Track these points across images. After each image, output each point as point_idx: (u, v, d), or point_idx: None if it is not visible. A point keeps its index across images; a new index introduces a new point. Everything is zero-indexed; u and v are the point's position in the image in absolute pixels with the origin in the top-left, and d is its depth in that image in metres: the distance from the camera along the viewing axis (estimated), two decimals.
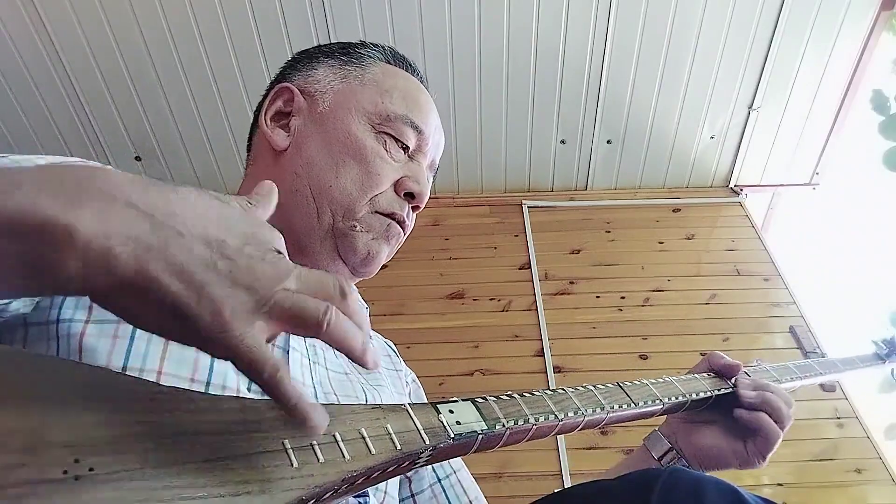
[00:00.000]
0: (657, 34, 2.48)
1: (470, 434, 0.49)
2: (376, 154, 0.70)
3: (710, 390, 0.73)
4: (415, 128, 0.72)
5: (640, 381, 0.68)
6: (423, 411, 0.48)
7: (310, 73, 0.75)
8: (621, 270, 2.66)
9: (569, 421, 0.57)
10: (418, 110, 0.74)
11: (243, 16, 2.36)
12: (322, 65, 0.76)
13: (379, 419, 0.44)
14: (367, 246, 0.70)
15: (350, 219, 0.69)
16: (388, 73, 0.75)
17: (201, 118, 2.65)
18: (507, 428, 0.52)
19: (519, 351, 2.37)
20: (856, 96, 2.67)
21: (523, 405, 0.55)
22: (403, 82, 0.75)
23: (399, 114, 0.72)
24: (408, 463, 0.45)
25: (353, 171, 0.69)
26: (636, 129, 2.77)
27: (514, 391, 0.56)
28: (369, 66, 0.75)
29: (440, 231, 2.79)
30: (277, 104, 0.74)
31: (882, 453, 2.09)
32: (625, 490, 0.52)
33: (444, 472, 0.78)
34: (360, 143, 0.69)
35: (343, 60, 0.75)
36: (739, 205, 2.93)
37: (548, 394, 0.58)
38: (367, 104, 0.71)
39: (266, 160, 0.73)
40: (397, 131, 0.71)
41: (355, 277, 0.74)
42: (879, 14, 2.45)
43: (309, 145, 0.71)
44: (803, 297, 2.57)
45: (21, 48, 2.40)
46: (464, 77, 2.56)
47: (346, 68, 0.75)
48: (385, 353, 0.82)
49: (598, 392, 0.62)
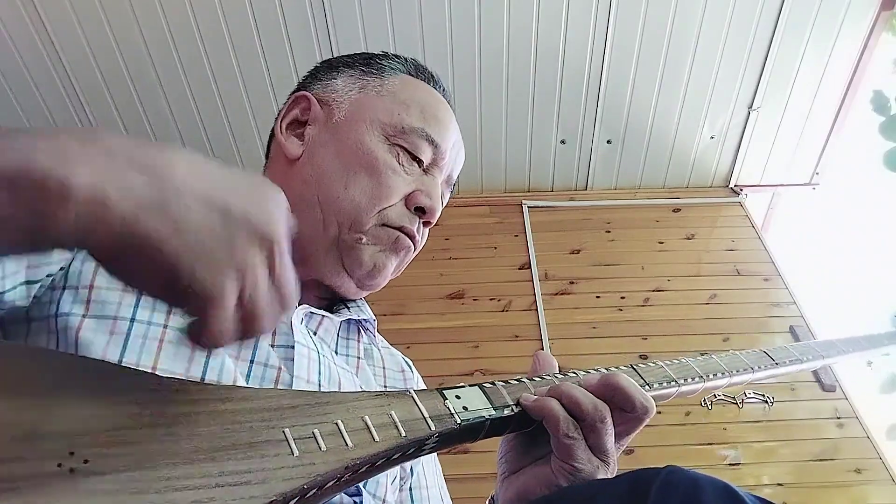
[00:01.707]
0: (657, 34, 2.48)
1: (477, 420, 0.48)
2: (388, 166, 0.68)
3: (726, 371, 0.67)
4: (430, 141, 0.71)
5: (654, 363, 0.65)
6: (429, 397, 0.47)
7: (328, 83, 0.75)
8: (621, 270, 2.65)
9: None
10: (436, 124, 0.72)
11: (243, 16, 2.36)
12: (342, 74, 0.75)
13: (383, 406, 0.44)
14: (374, 258, 0.69)
15: (356, 231, 0.68)
16: (407, 84, 0.74)
17: (201, 118, 2.65)
18: (515, 413, 0.50)
19: (519, 351, 2.37)
20: (856, 96, 2.67)
21: (532, 389, 0.53)
22: (423, 95, 0.74)
23: (415, 126, 0.70)
24: (413, 450, 0.44)
25: (363, 183, 0.67)
26: (636, 129, 2.76)
27: (523, 375, 0.54)
28: (389, 77, 0.74)
29: (440, 231, 2.78)
30: (294, 112, 0.74)
31: (882, 453, 2.09)
32: (621, 491, 0.51)
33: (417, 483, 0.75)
34: (371, 155, 0.68)
35: (363, 71, 0.74)
36: (739, 205, 2.92)
37: (558, 377, 0.56)
38: (383, 115, 0.70)
39: (279, 167, 0.73)
40: (411, 144, 0.70)
41: (362, 291, 0.73)
42: (879, 14, 2.44)
43: (321, 155, 0.70)
44: (803, 297, 2.57)
45: (21, 48, 2.40)
46: (464, 77, 2.56)
47: (365, 78, 0.74)
48: (398, 369, 0.79)
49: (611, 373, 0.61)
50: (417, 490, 0.74)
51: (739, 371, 0.69)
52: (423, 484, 0.75)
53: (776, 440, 2.11)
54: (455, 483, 0.85)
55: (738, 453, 2.09)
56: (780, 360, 0.74)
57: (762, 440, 2.12)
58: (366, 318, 0.75)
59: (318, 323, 0.70)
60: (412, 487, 0.74)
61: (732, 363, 0.70)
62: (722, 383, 0.69)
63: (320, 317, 0.70)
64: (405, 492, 0.73)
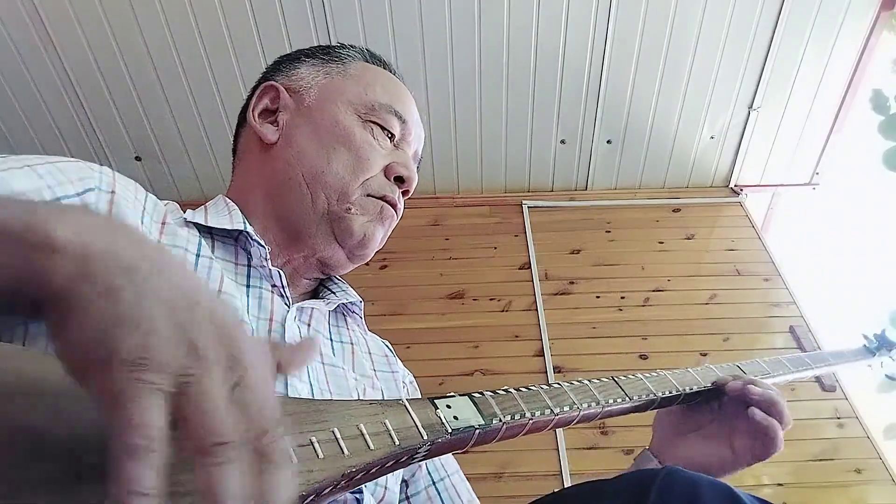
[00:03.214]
0: (657, 34, 2.48)
1: (467, 429, 0.49)
2: (364, 140, 0.73)
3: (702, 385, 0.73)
4: (399, 117, 0.76)
5: (634, 375, 0.69)
6: (421, 407, 0.48)
7: (293, 72, 0.79)
8: (621, 270, 2.65)
9: (564, 415, 0.58)
10: (400, 102, 0.77)
11: (243, 16, 2.36)
12: (304, 64, 0.79)
13: (377, 415, 0.45)
14: (364, 228, 0.72)
15: (344, 202, 0.71)
16: (367, 69, 0.79)
17: (201, 118, 2.65)
18: (503, 423, 0.52)
19: (519, 351, 2.37)
20: (856, 96, 2.67)
21: (520, 400, 0.55)
22: (383, 78, 0.79)
23: (384, 103, 0.75)
24: (406, 458, 0.45)
25: (344, 157, 0.71)
26: (636, 129, 2.77)
27: (510, 386, 0.56)
28: (350, 63, 0.79)
29: (440, 231, 2.79)
30: (264, 102, 0.77)
31: (882, 453, 2.09)
32: (621, 491, 0.52)
33: (439, 476, 0.78)
34: (348, 131, 0.72)
35: (324, 59, 0.79)
36: (739, 205, 2.93)
37: (544, 388, 0.58)
38: (352, 96, 0.75)
39: (256, 155, 0.75)
40: (383, 120, 0.74)
41: (351, 263, 0.75)
42: (879, 14, 2.45)
43: (299, 136, 0.73)
44: (803, 297, 2.57)
45: (21, 48, 2.40)
46: (464, 77, 2.56)
47: (328, 66, 0.78)
48: (382, 353, 0.82)
49: (592, 386, 0.63)
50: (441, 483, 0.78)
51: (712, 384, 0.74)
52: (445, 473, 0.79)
53: None
54: None
55: None
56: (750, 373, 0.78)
57: None
58: (353, 300, 0.78)
59: (310, 315, 0.72)
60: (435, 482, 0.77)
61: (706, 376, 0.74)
62: None
63: (311, 308, 0.72)
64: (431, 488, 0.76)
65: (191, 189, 2.82)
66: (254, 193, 0.74)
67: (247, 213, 0.71)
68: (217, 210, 0.71)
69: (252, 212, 0.72)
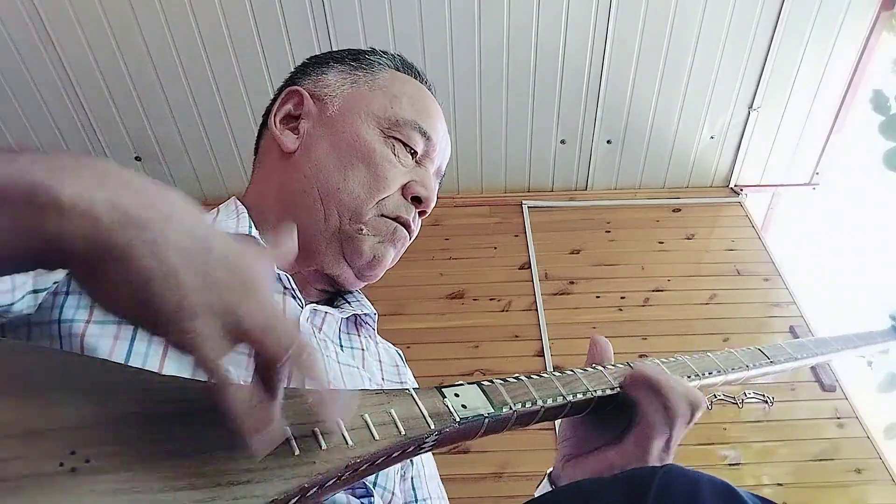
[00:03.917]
0: (657, 34, 2.48)
1: (476, 418, 0.48)
2: (384, 158, 0.70)
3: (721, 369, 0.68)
4: (423, 133, 0.73)
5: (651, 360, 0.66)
6: (429, 396, 0.47)
7: (319, 78, 0.76)
8: (621, 270, 2.65)
9: (578, 402, 0.56)
10: (427, 116, 0.74)
11: (243, 16, 2.36)
12: (332, 69, 0.76)
13: (383, 404, 0.44)
14: (374, 250, 0.71)
15: (357, 222, 0.69)
16: (397, 79, 0.76)
17: (201, 118, 2.65)
18: (514, 411, 0.50)
19: (519, 351, 2.37)
20: (856, 96, 2.67)
21: (531, 387, 0.53)
22: (412, 89, 0.76)
23: (408, 119, 0.72)
24: (413, 448, 0.44)
25: (362, 174, 0.69)
26: (636, 129, 2.77)
27: (521, 374, 0.55)
28: (379, 72, 0.76)
29: (440, 231, 2.79)
30: (287, 107, 0.75)
31: (882, 453, 2.09)
32: (619, 491, 0.51)
33: None
34: (368, 147, 0.70)
35: (353, 66, 0.76)
36: (739, 205, 2.92)
37: (556, 375, 0.56)
38: (377, 109, 0.72)
39: (274, 162, 0.74)
40: (406, 136, 0.72)
41: (359, 282, 0.74)
42: (879, 14, 2.44)
43: (318, 148, 0.71)
44: (803, 297, 2.57)
45: (21, 48, 2.40)
46: (464, 77, 2.56)
47: (355, 73, 0.75)
48: (393, 363, 0.80)
49: (607, 373, 0.61)
50: (418, 480, 0.75)
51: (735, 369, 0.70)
52: (423, 475, 0.76)
53: (776, 440, 2.11)
54: (455, 483, 0.85)
55: (738, 453, 2.09)
56: (775, 357, 0.74)
57: (762, 440, 2.12)
58: (367, 311, 0.77)
59: (322, 319, 0.71)
60: (413, 477, 0.75)
61: (728, 361, 0.70)
62: (718, 381, 0.69)
63: (324, 312, 0.71)
64: (407, 482, 0.74)
65: (191, 189, 2.82)
66: (267, 200, 0.72)
67: (258, 219, 0.70)
68: (227, 213, 0.71)
69: (264, 218, 0.71)
